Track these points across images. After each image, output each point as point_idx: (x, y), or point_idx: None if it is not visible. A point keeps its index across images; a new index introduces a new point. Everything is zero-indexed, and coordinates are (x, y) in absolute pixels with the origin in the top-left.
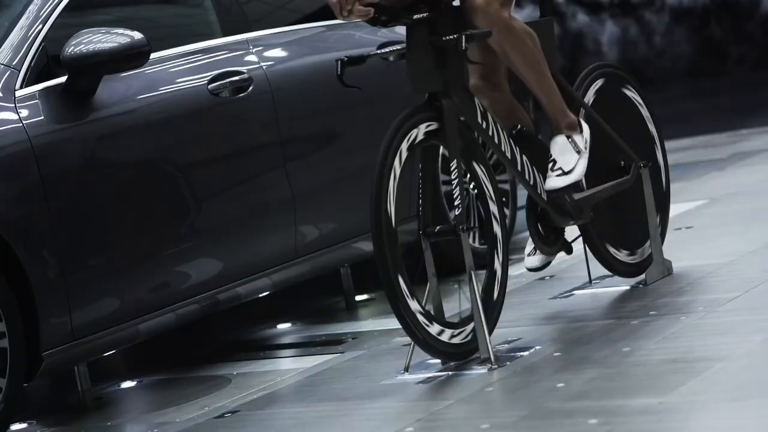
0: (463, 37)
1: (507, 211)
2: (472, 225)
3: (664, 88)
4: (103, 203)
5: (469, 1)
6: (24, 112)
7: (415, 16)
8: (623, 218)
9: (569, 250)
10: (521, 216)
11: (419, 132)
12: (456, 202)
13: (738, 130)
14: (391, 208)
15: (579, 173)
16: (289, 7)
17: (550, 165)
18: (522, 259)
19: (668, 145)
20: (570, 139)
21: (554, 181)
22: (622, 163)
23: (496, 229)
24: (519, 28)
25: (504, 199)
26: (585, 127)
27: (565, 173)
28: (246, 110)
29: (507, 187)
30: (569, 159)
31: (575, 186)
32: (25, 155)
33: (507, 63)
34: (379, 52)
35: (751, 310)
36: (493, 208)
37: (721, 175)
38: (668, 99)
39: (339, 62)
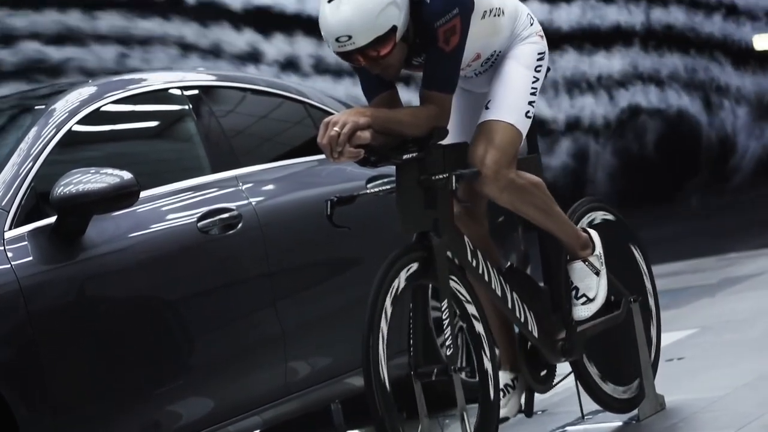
0: (453, 177)
1: None
2: (463, 365)
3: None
4: (93, 343)
5: (480, 170)
6: (12, 254)
7: (405, 156)
8: (614, 353)
9: (529, 413)
10: None
11: (410, 272)
12: (447, 342)
13: (727, 254)
14: (383, 348)
15: (603, 296)
16: (278, 140)
17: (573, 293)
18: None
19: (656, 269)
20: (587, 263)
21: (581, 311)
22: (612, 297)
23: (487, 365)
24: (526, 183)
25: None
26: (597, 240)
27: (590, 300)
28: (235, 247)
29: None
30: (590, 284)
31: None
32: (14, 296)
33: (518, 213)
34: (369, 191)
35: None
36: (486, 348)
37: (712, 302)
38: (657, 220)
39: (328, 202)
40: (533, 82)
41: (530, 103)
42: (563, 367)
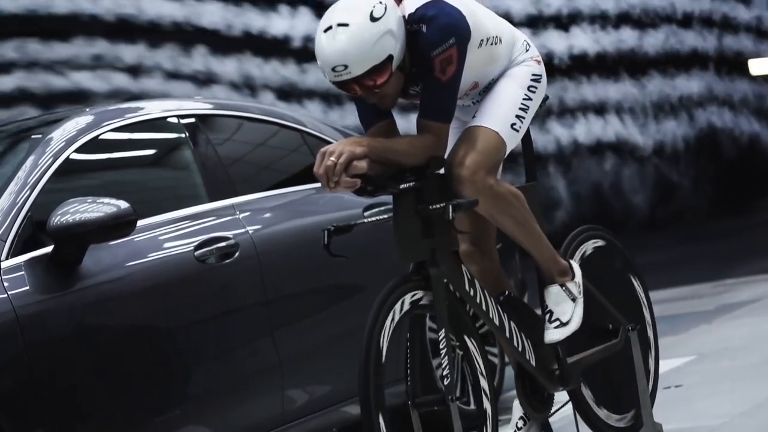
0: (450, 206)
1: (496, 359)
2: (461, 395)
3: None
4: (90, 372)
5: (455, 171)
6: (9, 283)
7: (402, 186)
8: (612, 381)
9: None
10: (509, 371)
11: (406, 301)
12: (444, 372)
13: (724, 280)
14: (379, 378)
15: (576, 322)
16: (275, 168)
17: (547, 317)
18: (509, 420)
19: (653, 295)
20: (564, 287)
21: (553, 334)
22: (610, 326)
23: (486, 406)
24: (505, 192)
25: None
26: (577, 270)
27: (563, 324)
28: (233, 276)
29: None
30: (565, 309)
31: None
32: (10, 326)
33: (496, 224)
34: (366, 220)
35: None
36: (484, 383)
37: (709, 329)
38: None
39: (325, 232)
40: (524, 100)
41: (518, 117)
42: (561, 395)
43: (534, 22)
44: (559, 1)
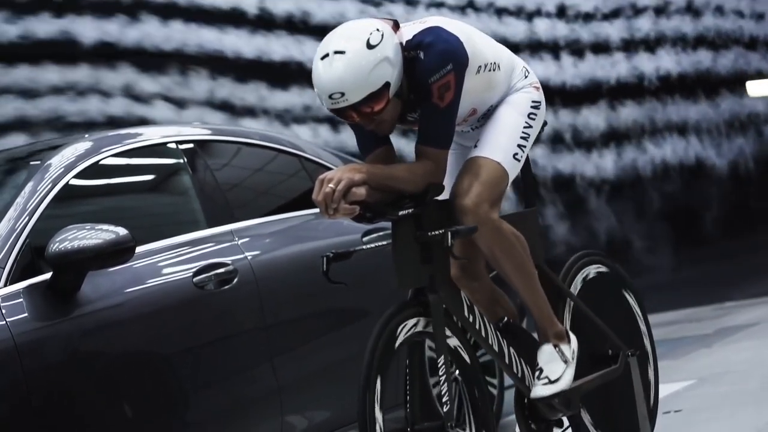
0: (449, 233)
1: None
2: (460, 422)
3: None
4: (89, 399)
5: (458, 201)
6: (7, 311)
7: (401, 212)
8: (612, 406)
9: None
10: (509, 395)
11: (406, 328)
12: (444, 399)
13: (723, 303)
14: (379, 403)
15: (566, 382)
16: (273, 193)
17: (537, 374)
18: None
19: (653, 319)
20: (557, 349)
21: (540, 390)
22: (610, 351)
23: (485, 419)
24: (507, 230)
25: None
26: (573, 337)
27: (551, 382)
28: (231, 302)
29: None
30: (556, 368)
31: (563, 395)
32: (9, 353)
33: (494, 265)
34: (365, 247)
35: None
36: (483, 410)
37: (709, 352)
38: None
39: (324, 259)
40: (525, 128)
41: (520, 146)
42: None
43: (627, 46)
44: (648, 24)
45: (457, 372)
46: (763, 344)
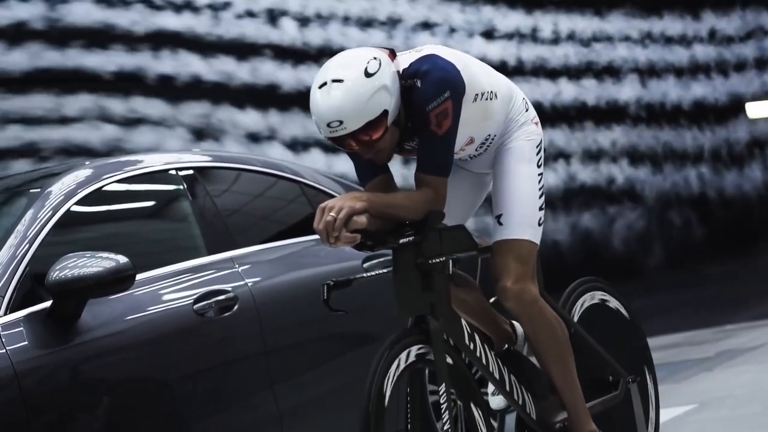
0: (450, 260)
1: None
2: None
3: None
4: (89, 427)
5: (501, 284)
6: (8, 339)
7: (401, 240)
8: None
9: None
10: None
11: (407, 355)
12: (446, 427)
13: (724, 326)
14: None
15: None
16: (273, 219)
17: None
18: None
19: (653, 342)
20: None
21: None
22: (611, 378)
23: None
24: (550, 313)
25: None
26: None
27: None
28: (232, 329)
29: None
30: None
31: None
32: (9, 381)
33: (534, 348)
34: (365, 274)
35: None
36: (483, 430)
37: (710, 376)
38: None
39: (325, 287)
40: (538, 180)
41: (540, 208)
42: None
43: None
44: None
45: (457, 398)
46: (764, 368)
